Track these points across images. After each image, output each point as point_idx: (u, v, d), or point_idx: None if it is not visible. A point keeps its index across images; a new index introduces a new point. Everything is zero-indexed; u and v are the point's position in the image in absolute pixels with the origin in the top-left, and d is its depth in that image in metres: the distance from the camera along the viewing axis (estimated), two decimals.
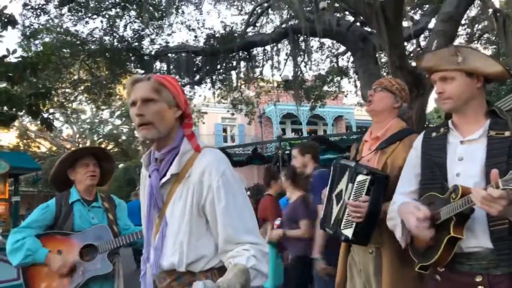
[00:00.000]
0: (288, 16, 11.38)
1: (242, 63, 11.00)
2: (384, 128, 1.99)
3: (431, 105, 33.67)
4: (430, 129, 1.64)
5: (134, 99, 1.36)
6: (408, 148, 1.81)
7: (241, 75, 11.44)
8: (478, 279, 1.36)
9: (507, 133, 1.37)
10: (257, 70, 11.82)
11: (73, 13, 9.47)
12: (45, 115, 5.12)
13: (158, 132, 1.36)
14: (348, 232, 1.86)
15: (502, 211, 1.19)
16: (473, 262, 1.38)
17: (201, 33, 10.76)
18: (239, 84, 12.10)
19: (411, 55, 11.65)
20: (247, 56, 10.67)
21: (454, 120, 1.54)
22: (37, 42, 9.47)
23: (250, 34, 11.05)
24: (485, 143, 1.40)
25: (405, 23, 8.59)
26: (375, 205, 1.80)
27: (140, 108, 1.34)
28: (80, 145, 23.69)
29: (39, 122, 5.12)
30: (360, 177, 1.85)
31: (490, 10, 8.67)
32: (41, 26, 9.50)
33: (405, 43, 9.31)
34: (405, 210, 1.50)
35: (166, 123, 1.38)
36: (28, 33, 9.15)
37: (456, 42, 11.58)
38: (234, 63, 10.96)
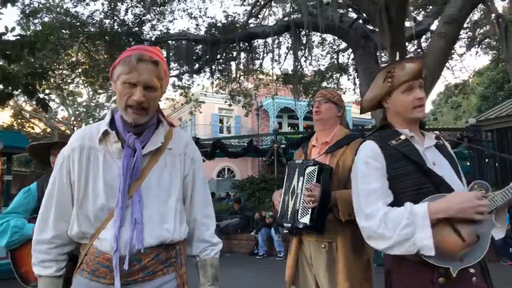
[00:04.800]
0: (291, 10, 11.32)
1: (242, 54, 10.96)
2: (331, 134, 2.23)
3: (428, 107, 33.79)
4: (383, 139, 1.61)
5: (136, 81, 1.31)
6: (354, 151, 1.96)
7: (241, 66, 11.39)
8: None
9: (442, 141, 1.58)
10: (257, 62, 11.79)
11: None
12: (41, 96, 5.06)
13: (148, 116, 1.39)
14: (306, 220, 1.98)
15: None
16: None
17: (203, 21, 10.74)
18: (238, 75, 12.06)
19: (412, 55, 11.64)
20: (248, 48, 10.62)
21: (411, 129, 1.62)
22: (36, 21, 9.36)
23: (252, 25, 10.99)
24: (436, 150, 1.55)
25: (407, 23, 8.58)
26: (326, 189, 1.98)
27: (142, 94, 1.32)
28: (75, 128, 23.55)
29: (34, 102, 5.04)
30: (308, 169, 2.05)
31: (493, 15, 8.67)
32: (41, 5, 9.39)
33: (407, 43, 9.31)
34: (457, 200, 1.41)
35: (155, 107, 1.43)
36: (27, 12, 9.04)
37: (457, 45, 11.61)
38: (234, 53, 10.91)
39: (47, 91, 9.76)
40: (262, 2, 11.28)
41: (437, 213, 1.40)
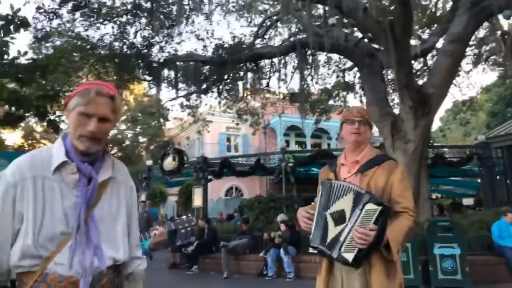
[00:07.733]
0: (297, 30, 11.48)
1: (249, 74, 11.08)
2: (361, 154, 2.19)
3: (436, 124, 33.56)
4: None
5: (92, 112, 1.42)
6: (386, 171, 2.08)
7: (248, 85, 11.50)
8: None
9: None
10: (264, 82, 11.90)
11: (85, 18, 9.62)
12: (52, 117, 5.15)
13: (100, 146, 1.49)
14: (349, 256, 1.93)
15: None
16: None
17: (210, 43, 10.88)
18: (245, 95, 12.17)
19: (418, 73, 11.67)
20: (255, 68, 10.75)
21: None
22: (48, 45, 9.60)
23: (258, 46, 11.14)
24: None
25: (413, 42, 8.64)
26: (380, 235, 1.90)
27: (97, 125, 1.43)
28: None
29: (45, 124, 5.14)
30: (370, 206, 1.94)
31: (499, 32, 8.71)
32: (53, 30, 9.64)
33: (412, 62, 9.35)
34: None
35: (107, 138, 1.55)
36: (39, 36, 9.28)
37: (463, 63, 11.64)
38: (241, 73, 11.03)
39: (58, 113, 9.92)
40: (268, 23, 11.46)
41: None
